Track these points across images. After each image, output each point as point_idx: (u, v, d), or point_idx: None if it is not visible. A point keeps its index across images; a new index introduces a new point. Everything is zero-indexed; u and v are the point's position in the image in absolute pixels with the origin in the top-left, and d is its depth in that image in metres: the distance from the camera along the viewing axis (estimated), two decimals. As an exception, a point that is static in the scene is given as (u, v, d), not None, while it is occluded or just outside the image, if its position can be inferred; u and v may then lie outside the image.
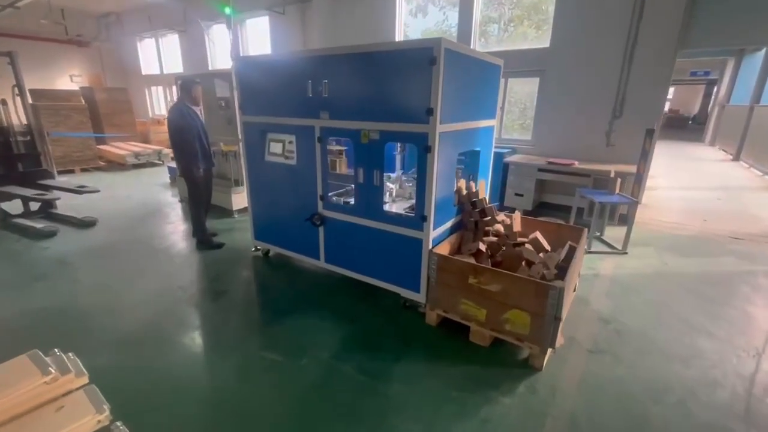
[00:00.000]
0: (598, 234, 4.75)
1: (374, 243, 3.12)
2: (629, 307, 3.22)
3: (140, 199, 6.49)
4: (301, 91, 3.14)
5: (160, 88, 12.48)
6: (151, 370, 2.45)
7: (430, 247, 2.85)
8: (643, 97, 4.99)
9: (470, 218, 3.26)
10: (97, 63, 12.80)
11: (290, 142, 3.49)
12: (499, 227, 3.23)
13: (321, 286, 3.55)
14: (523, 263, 2.87)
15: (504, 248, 3.09)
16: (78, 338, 2.76)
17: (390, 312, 3.12)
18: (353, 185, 3.15)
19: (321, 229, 3.45)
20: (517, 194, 5.44)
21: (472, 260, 2.94)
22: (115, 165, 9.40)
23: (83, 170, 8.80)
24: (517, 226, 3.17)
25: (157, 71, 12.19)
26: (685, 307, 3.22)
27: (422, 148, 2.66)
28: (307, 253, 3.68)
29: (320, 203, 3.37)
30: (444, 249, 2.96)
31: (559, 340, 2.48)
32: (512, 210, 5.72)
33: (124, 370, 2.44)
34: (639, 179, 5.14)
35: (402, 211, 3.27)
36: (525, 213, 5.51)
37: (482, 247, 3.04)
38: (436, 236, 2.94)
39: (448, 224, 3.14)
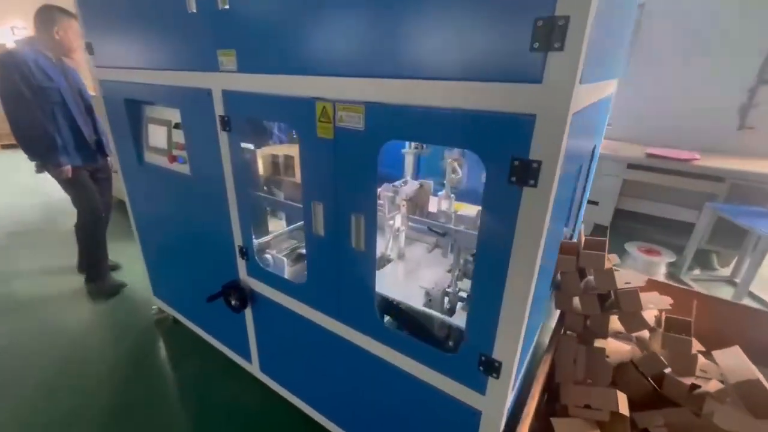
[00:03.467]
0: (731, 277, 2.92)
1: (355, 374, 1.33)
2: None
3: (44, 198, 4.61)
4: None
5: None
6: None
7: (502, 427, 1.05)
8: (821, 46, 2.99)
9: (577, 309, 1.43)
10: (44, 12, 10.59)
11: (177, 126, 1.63)
12: (645, 335, 1.41)
13: (255, 417, 1.78)
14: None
15: (666, 391, 1.28)
16: None
17: None
18: (305, 238, 1.30)
19: (249, 312, 1.65)
20: (590, 201, 3.55)
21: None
22: (52, 140, 7.51)
23: (5, 147, 6.95)
24: (697, 345, 1.35)
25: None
26: None
27: (509, 169, 0.77)
28: (230, 344, 1.90)
29: (241, 263, 1.55)
30: (530, 407, 1.15)
31: None
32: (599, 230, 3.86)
33: None
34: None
35: (423, 303, 1.38)
36: (596, 229, 3.67)
37: (621, 402, 1.22)
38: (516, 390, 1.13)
39: (536, 336, 1.32)
